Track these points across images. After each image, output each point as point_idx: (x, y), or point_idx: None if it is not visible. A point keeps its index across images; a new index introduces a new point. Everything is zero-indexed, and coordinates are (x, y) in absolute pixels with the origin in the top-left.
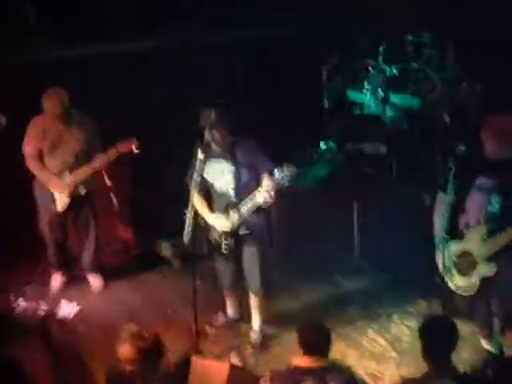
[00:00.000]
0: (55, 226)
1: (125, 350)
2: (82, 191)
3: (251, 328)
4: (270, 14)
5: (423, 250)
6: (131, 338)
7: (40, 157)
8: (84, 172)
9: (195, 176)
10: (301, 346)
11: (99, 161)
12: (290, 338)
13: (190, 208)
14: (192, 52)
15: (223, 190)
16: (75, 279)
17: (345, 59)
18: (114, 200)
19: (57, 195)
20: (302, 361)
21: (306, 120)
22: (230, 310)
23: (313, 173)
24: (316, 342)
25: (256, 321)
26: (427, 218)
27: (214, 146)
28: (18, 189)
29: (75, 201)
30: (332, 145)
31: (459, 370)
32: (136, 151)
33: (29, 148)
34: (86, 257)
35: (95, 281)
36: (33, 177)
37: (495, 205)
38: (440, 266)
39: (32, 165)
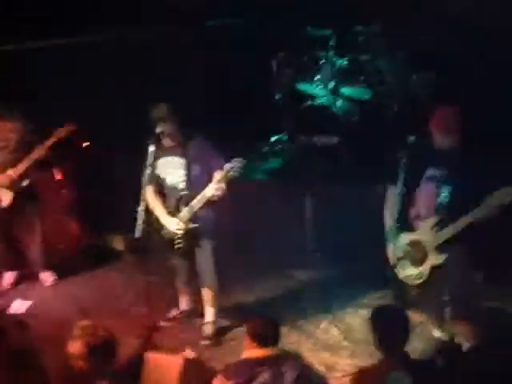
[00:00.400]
0: (1, 223)
1: (75, 346)
2: (25, 183)
3: (204, 321)
4: (220, 5)
5: (375, 242)
6: (82, 333)
7: None
8: (25, 164)
9: (146, 170)
10: (251, 339)
11: (38, 151)
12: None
13: (141, 202)
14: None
15: (175, 185)
16: (27, 276)
17: (295, 51)
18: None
19: (1, 192)
20: (253, 352)
21: (257, 113)
22: (184, 304)
23: (264, 165)
24: (265, 333)
25: (209, 313)
26: (379, 210)
27: (165, 141)
28: None
29: (19, 196)
30: (283, 137)
31: (412, 359)
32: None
33: None
34: (35, 253)
35: (46, 277)
36: None
37: (445, 195)
38: (391, 257)
39: None
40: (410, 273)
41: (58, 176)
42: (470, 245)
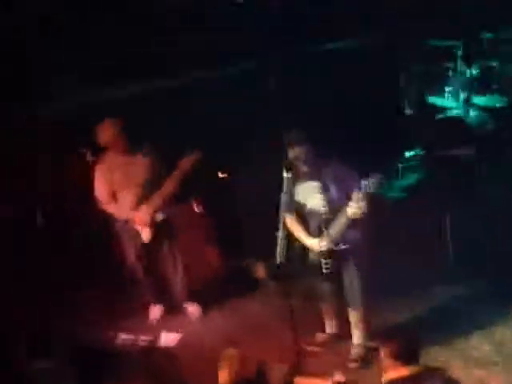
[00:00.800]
0: (143, 259)
1: (224, 376)
2: (159, 218)
3: (352, 344)
4: (348, 23)
5: None
6: (230, 363)
7: (114, 197)
8: (158, 199)
9: (283, 196)
10: (392, 357)
11: (169, 185)
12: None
13: (280, 228)
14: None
15: (315, 210)
16: (173, 309)
17: (424, 63)
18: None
19: (139, 228)
20: (397, 372)
21: (390, 129)
22: (329, 327)
23: (401, 182)
24: (407, 350)
25: (356, 335)
26: None
27: (300, 166)
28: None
29: (157, 230)
30: (418, 152)
31: None
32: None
33: (100, 193)
34: (179, 286)
35: (192, 309)
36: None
37: None
38: None
39: (108, 208)
40: None
41: (194, 206)
42: None
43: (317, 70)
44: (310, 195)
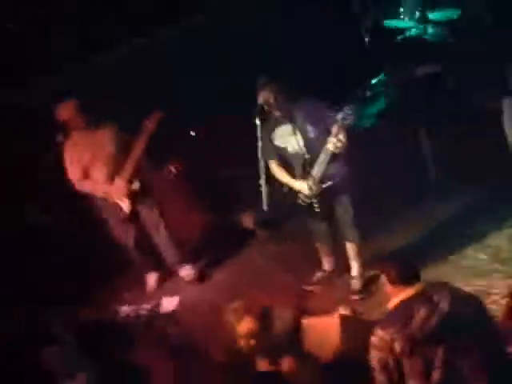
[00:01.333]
0: (129, 230)
1: (243, 325)
2: (135, 186)
3: (351, 276)
4: None
5: (502, 156)
6: (243, 312)
7: (86, 175)
8: (129, 168)
9: (260, 143)
10: (393, 283)
11: (136, 150)
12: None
13: (262, 175)
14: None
15: (297, 151)
16: (170, 274)
17: None
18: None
19: (118, 201)
20: (400, 295)
21: (351, 59)
22: (328, 264)
23: (371, 109)
24: (405, 272)
25: (355, 267)
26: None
27: (272, 111)
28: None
29: (135, 200)
30: (382, 77)
31: None
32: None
33: (72, 174)
34: (167, 251)
35: (186, 273)
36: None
37: None
38: None
39: (82, 187)
40: None
41: (171, 168)
42: None
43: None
44: (288, 138)
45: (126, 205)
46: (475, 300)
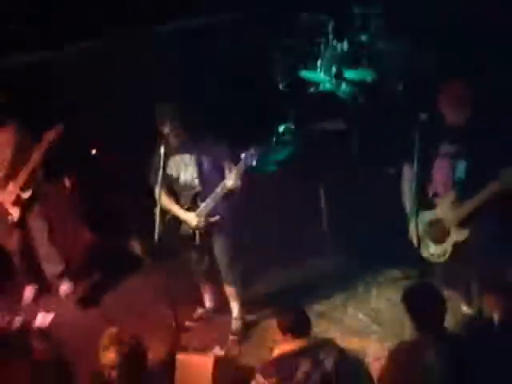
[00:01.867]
0: (14, 237)
1: (107, 355)
2: (26, 195)
3: (231, 317)
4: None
5: (393, 222)
6: (112, 342)
7: None
8: (24, 175)
9: (158, 172)
10: (284, 332)
11: (33, 159)
12: (272, 323)
13: (156, 205)
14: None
15: (188, 183)
16: (49, 288)
17: (294, 38)
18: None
19: (7, 206)
20: (287, 346)
21: (262, 103)
22: (208, 302)
23: (274, 156)
24: (297, 324)
25: (235, 308)
26: (393, 190)
27: (173, 140)
28: None
29: (26, 208)
30: (290, 126)
31: (448, 334)
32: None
33: None
34: (49, 264)
35: (64, 288)
36: None
37: (461, 171)
38: (413, 236)
39: None
40: (433, 251)
41: (68, 184)
42: (493, 217)
43: (189, 45)
44: (183, 168)
45: (14, 211)
46: (358, 362)
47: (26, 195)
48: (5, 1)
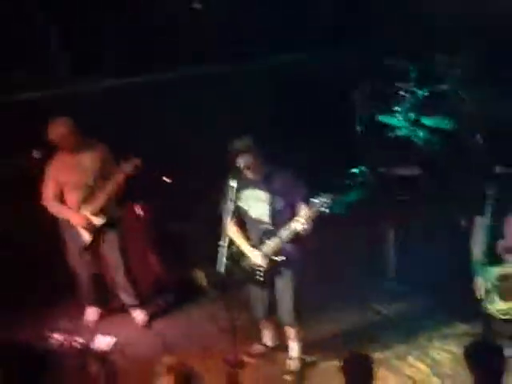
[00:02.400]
0: (84, 260)
1: (161, 383)
2: (99, 222)
3: (289, 357)
4: (300, 41)
5: (461, 274)
6: (168, 370)
7: (60, 195)
8: (99, 200)
9: (228, 204)
10: (344, 376)
11: (109, 187)
12: (330, 366)
13: (224, 237)
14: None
15: (258, 218)
16: (112, 313)
17: (376, 83)
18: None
19: (80, 229)
20: None
21: (339, 146)
22: (267, 338)
23: (346, 198)
24: (360, 373)
25: (293, 349)
26: (464, 242)
27: (246, 173)
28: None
29: (99, 232)
30: (364, 169)
31: None
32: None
33: (46, 192)
34: (123, 292)
35: (138, 315)
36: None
37: None
38: (480, 291)
39: (50, 206)
40: (500, 307)
41: (139, 211)
42: None
43: (271, 82)
44: (255, 203)
45: (85, 235)
46: None
47: (98, 222)
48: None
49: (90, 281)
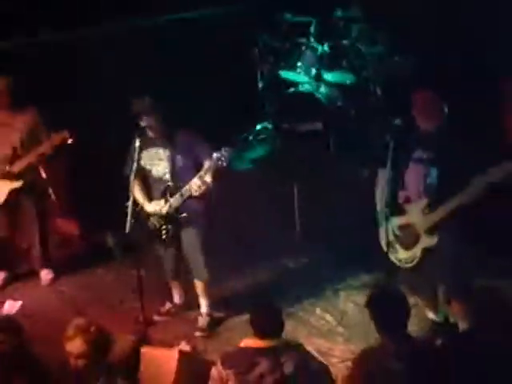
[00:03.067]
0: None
1: (73, 344)
2: (19, 183)
3: (200, 313)
4: None
5: (365, 226)
6: (78, 331)
7: None
8: (20, 164)
9: (132, 164)
10: (253, 328)
11: (34, 154)
12: (239, 321)
13: (130, 196)
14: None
15: (160, 176)
16: (19, 276)
17: (276, 38)
18: (51, 193)
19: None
20: (253, 342)
21: (240, 101)
22: (176, 297)
23: (250, 154)
24: (270, 324)
25: (203, 305)
26: (367, 193)
27: (149, 133)
28: None
29: (15, 195)
30: (267, 125)
31: (413, 339)
32: (70, 141)
33: None
34: (35, 252)
35: (45, 275)
36: None
37: (434, 177)
38: (382, 241)
39: None
40: (401, 256)
41: (46, 173)
42: (462, 224)
43: (172, 39)
44: (157, 162)
45: (2, 195)
46: (321, 367)
47: (17, 184)
48: None
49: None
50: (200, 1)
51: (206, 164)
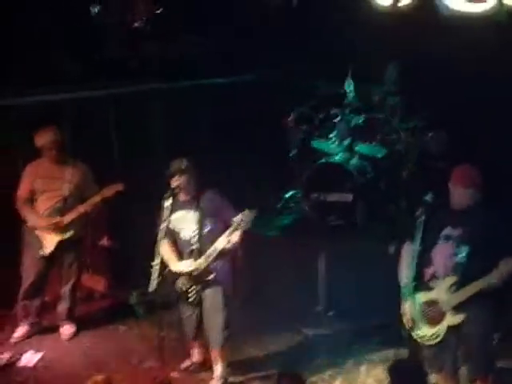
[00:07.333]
0: (37, 270)
1: None
2: (67, 235)
3: (213, 376)
4: (234, 61)
5: (389, 300)
6: None
7: (31, 199)
8: (71, 215)
9: (162, 225)
10: None
11: (85, 205)
12: None
13: (156, 256)
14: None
15: (188, 239)
16: (42, 328)
17: (311, 108)
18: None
19: (44, 238)
20: None
21: (272, 169)
22: (195, 355)
23: (277, 221)
24: None
25: (217, 369)
26: (392, 268)
27: (180, 195)
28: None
29: (61, 246)
30: (296, 193)
31: None
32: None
33: (20, 191)
34: (60, 306)
35: (67, 329)
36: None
37: (462, 255)
38: (406, 316)
39: (21, 207)
40: (425, 332)
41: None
42: (488, 305)
43: (204, 104)
44: (186, 225)
45: (49, 246)
46: None
47: (68, 235)
48: None
49: (34, 292)
50: (236, 67)
51: (230, 228)
